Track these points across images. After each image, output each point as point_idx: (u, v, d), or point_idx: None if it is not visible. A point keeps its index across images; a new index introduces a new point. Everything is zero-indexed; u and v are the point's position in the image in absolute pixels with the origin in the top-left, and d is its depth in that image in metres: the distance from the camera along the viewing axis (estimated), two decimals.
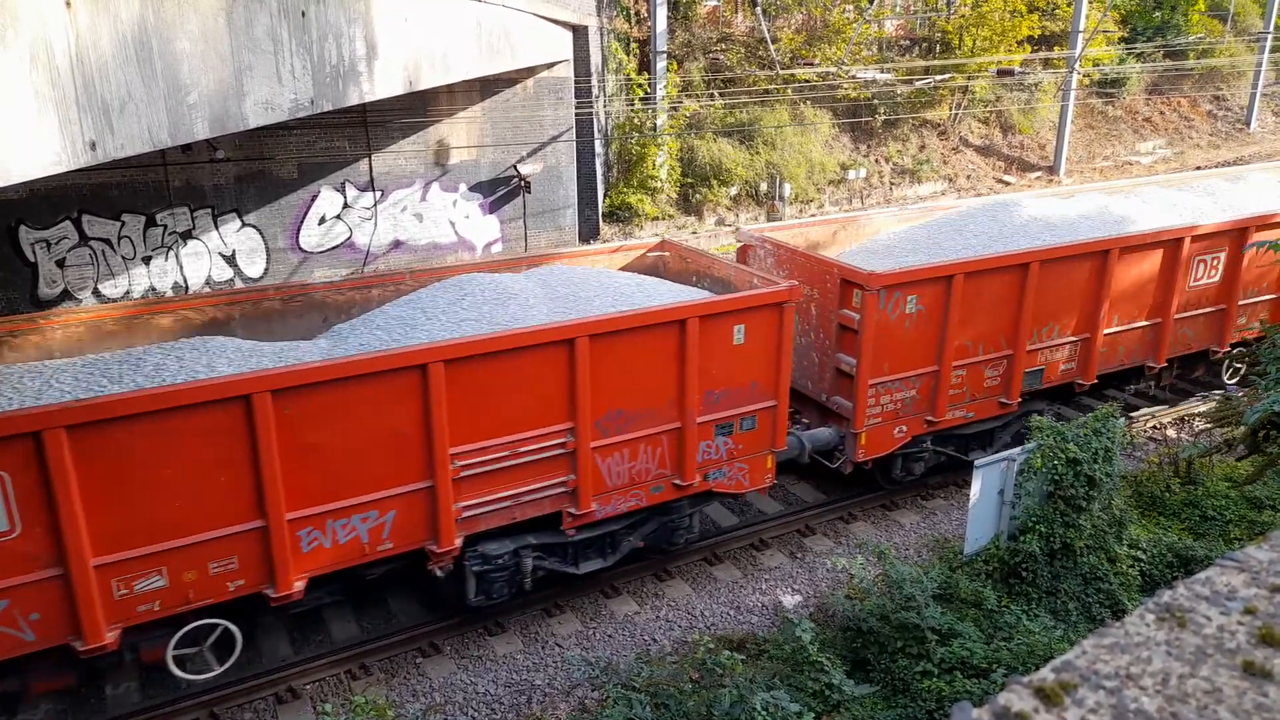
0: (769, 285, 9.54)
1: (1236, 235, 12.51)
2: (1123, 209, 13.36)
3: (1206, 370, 13.91)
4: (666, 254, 11.73)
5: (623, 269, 11.22)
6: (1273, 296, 13.45)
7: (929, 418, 11.01)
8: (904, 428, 10.94)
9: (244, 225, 16.43)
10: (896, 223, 13.26)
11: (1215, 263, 12.59)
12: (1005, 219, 12.51)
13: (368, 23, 10.52)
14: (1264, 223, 12.59)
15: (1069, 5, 27.97)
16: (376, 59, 10.80)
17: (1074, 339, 11.78)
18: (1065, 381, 12.04)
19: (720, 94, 23.87)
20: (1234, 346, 13.52)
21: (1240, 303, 13.09)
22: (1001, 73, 23.24)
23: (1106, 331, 11.92)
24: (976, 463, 9.29)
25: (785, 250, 11.24)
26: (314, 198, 16.94)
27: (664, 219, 22.17)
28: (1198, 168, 28.15)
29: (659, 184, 22.14)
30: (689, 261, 11.30)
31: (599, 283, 9.87)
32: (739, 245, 12.29)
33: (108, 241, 15.21)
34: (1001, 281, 10.82)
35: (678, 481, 9.42)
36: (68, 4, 6.31)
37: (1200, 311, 12.85)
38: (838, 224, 13.21)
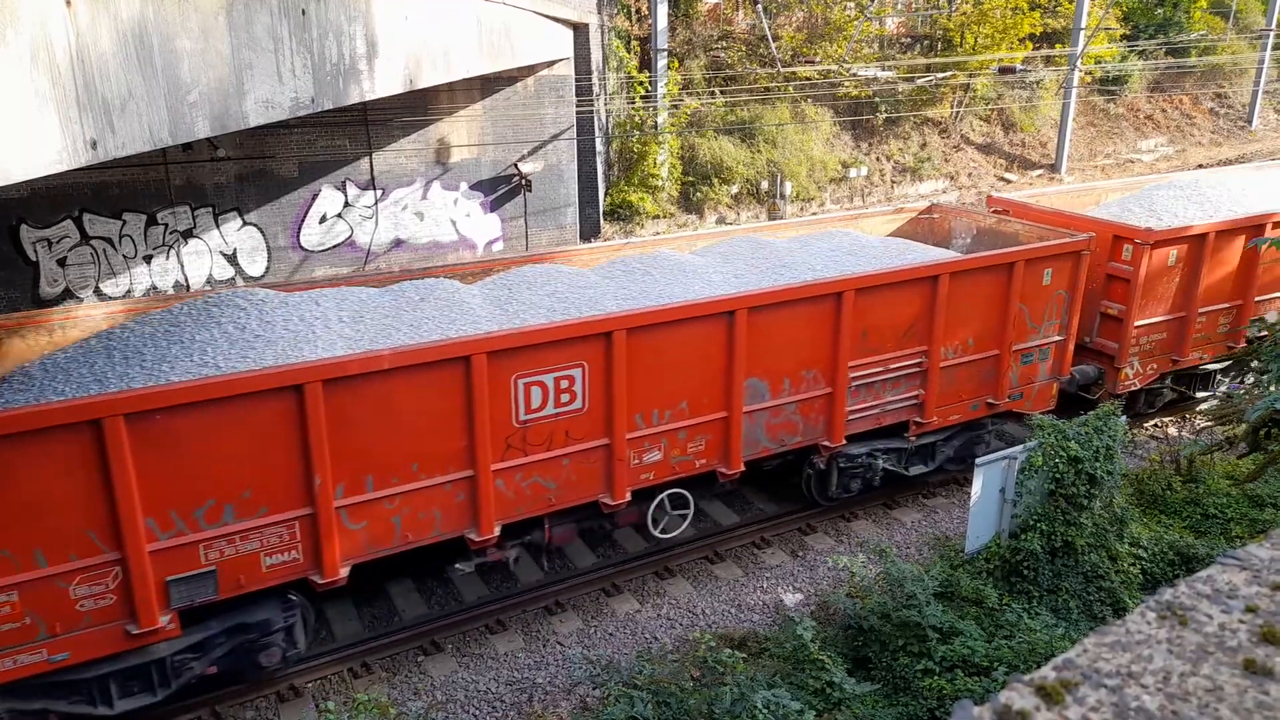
0: None
1: (597, 341, 8.48)
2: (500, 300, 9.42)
3: (614, 525, 10.17)
4: None
5: None
6: (718, 417, 9.46)
7: None
8: None
9: (245, 224, 16.44)
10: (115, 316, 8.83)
11: (570, 384, 8.52)
12: (221, 328, 8.18)
13: (368, 21, 10.51)
14: (640, 322, 8.66)
15: (1070, 2, 27.95)
16: (377, 57, 10.80)
17: (274, 520, 7.50)
18: (287, 579, 7.82)
19: (721, 92, 23.85)
20: (641, 494, 9.47)
21: (635, 434, 9.02)
22: (1003, 70, 23.22)
23: (347, 502, 7.75)
24: (978, 461, 9.30)
25: None
26: (315, 196, 16.95)
27: (665, 217, 22.17)
28: (1199, 166, 28.14)
29: (660, 182, 22.13)
30: None
31: None
32: None
33: (109, 240, 15.22)
34: (54, 449, 6.55)
35: None
36: (68, 2, 6.31)
37: (559, 453, 8.68)
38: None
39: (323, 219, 17.18)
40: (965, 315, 10.68)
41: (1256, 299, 13.21)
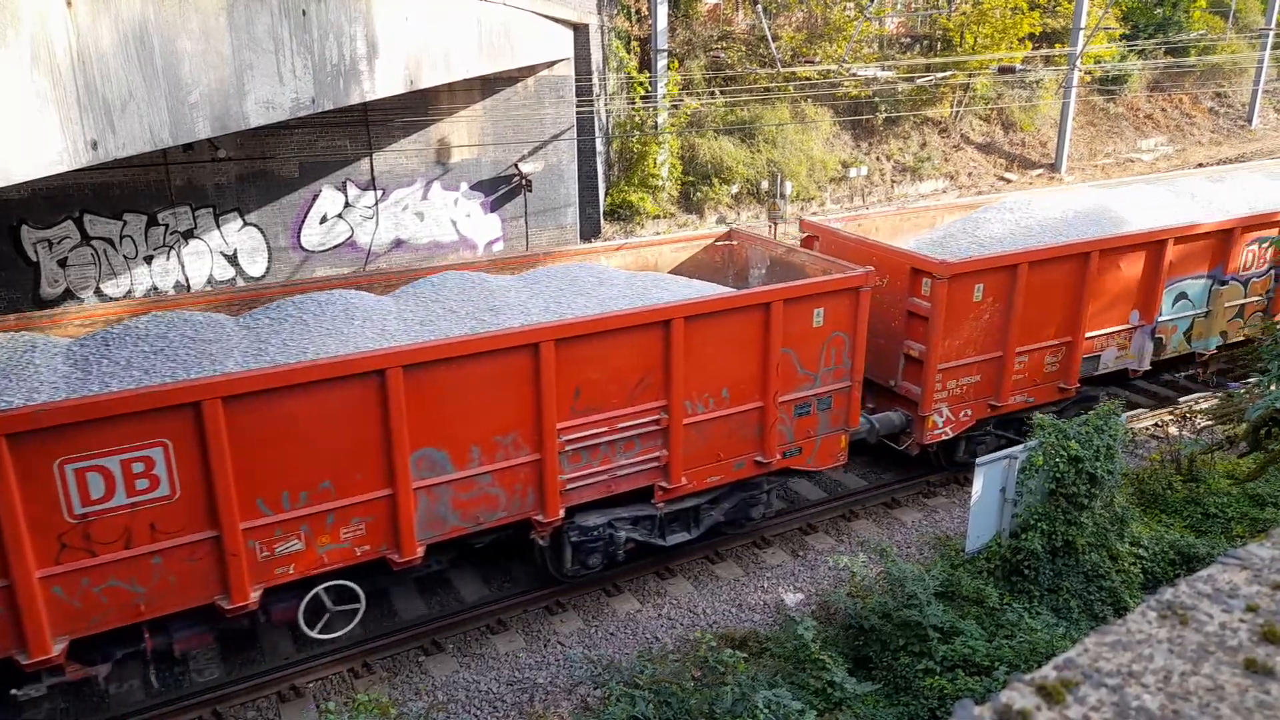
0: None
1: (182, 414, 6.99)
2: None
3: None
4: None
5: None
6: (379, 496, 8.00)
7: None
8: None
9: (245, 224, 16.45)
10: None
11: (148, 467, 7.05)
12: None
13: (368, 22, 10.52)
14: (240, 389, 7.15)
15: (1070, 2, 27.96)
16: (377, 58, 10.81)
17: None
18: None
19: (721, 92, 23.86)
20: (294, 588, 8.21)
21: (257, 523, 7.53)
22: (1003, 70, 23.23)
23: None
24: (978, 460, 9.30)
25: None
26: (315, 197, 16.96)
27: (665, 217, 22.19)
28: (1199, 164, 28.14)
29: (660, 182, 22.15)
30: None
31: None
32: None
33: (109, 241, 15.23)
34: None
35: None
36: (68, 3, 6.31)
37: (144, 551, 7.15)
38: None
39: (323, 219, 17.20)
40: (714, 364, 9.15)
41: (1089, 334, 11.77)
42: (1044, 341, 11.55)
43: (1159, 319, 12.48)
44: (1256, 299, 13.45)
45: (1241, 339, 13.52)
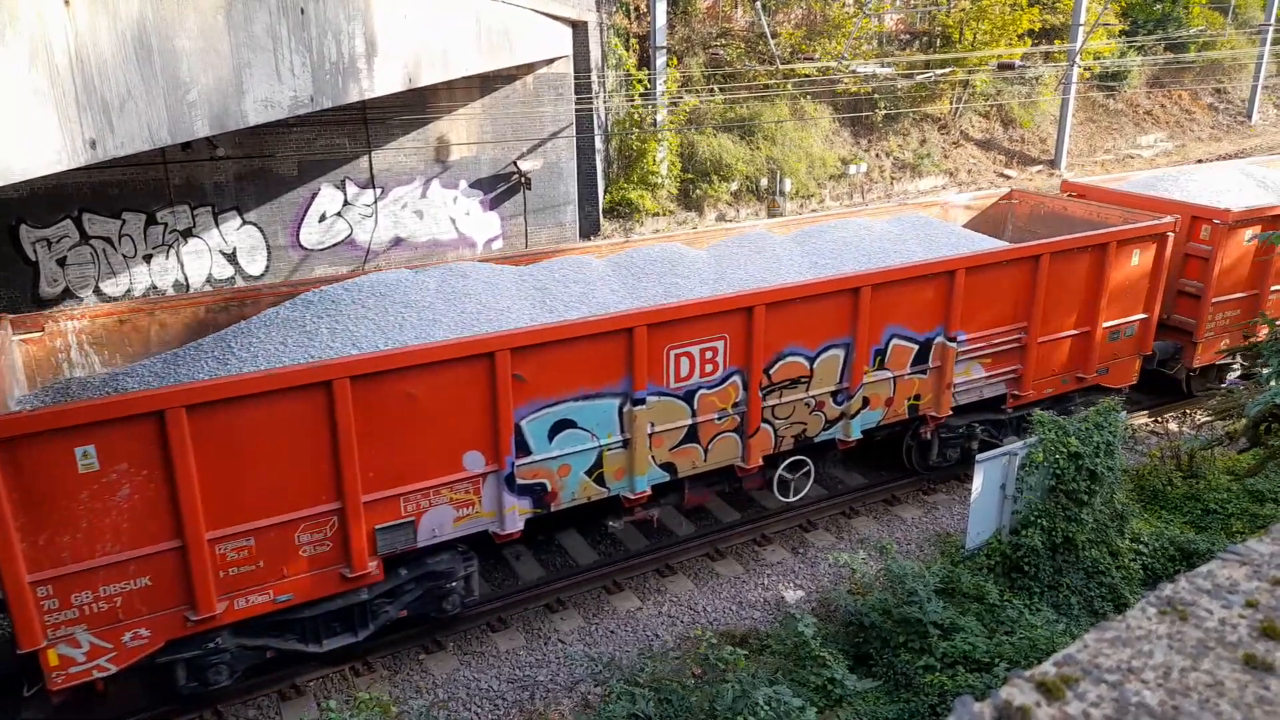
0: None
1: None
2: None
3: None
4: None
5: None
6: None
7: None
8: None
9: (244, 223, 16.44)
10: None
11: None
12: None
13: (367, 19, 10.51)
14: None
15: None
16: (376, 56, 10.80)
17: None
18: None
19: (720, 89, 23.85)
20: None
21: None
22: (1002, 66, 23.20)
23: None
24: (979, 457, 9.31)
25: None
26: (314, 195, 16.95)
27: (665, 215, 22.18)
28: (1199, 161, 28.13)
29: (659, 180, 22.14)
30: None
31: None
32: None
33: (108, 240, 15.22)
34: None
35: None
36: (66, 2, 6.30)
37: None
38: None
39: (322, 218, 17.19)
40: None
41: (370, 497, 7.88)
42: (280, 515, 7.62)
43: (520, 461, 8.55)
44: (720, 414, 9.47)
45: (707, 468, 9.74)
